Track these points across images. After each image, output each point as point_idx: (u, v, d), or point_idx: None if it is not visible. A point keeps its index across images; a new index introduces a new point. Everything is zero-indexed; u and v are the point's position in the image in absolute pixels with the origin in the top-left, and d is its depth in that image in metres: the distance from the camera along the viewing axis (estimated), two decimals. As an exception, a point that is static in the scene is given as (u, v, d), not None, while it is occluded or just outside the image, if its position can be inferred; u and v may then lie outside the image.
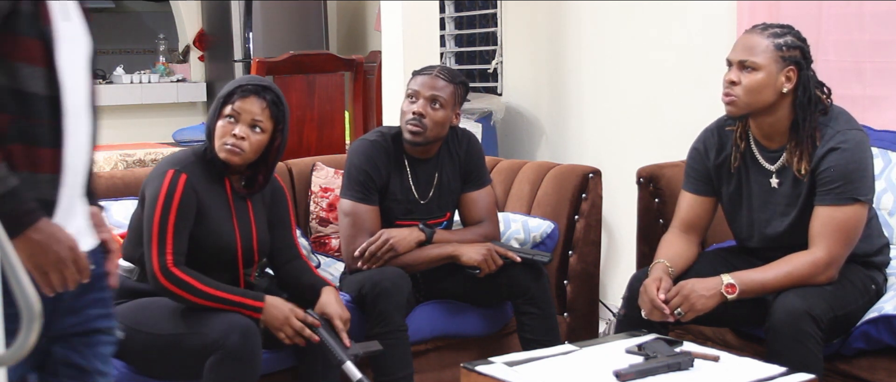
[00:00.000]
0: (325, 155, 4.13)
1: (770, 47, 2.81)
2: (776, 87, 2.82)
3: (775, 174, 2.92)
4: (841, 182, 2.78)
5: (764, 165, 2.93)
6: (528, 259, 3.27)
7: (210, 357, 2.69)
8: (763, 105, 2.84)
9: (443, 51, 5.93)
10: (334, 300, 2.96)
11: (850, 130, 2.82)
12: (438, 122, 3.28)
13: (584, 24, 4.88)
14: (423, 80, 3.30)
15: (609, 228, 4.60)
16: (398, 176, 3.34)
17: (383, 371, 3.10)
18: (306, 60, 4.89)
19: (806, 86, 2.83)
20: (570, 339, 3.45)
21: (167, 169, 2.81)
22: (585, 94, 4.91)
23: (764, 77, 2.81)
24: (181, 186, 2.78)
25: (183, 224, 2.78)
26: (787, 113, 2.86)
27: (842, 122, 2.84)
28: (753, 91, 2.82)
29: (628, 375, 2.35)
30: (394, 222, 3.33)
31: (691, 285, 2.81)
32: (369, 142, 3.34)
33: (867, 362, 2.87)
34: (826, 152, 2.80)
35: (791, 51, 2.82)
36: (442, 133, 3.32)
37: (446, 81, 3.29)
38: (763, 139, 2.93)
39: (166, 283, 2.74)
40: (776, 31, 2.84)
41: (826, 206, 2.80)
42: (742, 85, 2.83)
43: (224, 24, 6.84)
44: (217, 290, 2.79)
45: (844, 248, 2.82)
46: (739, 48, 2.87)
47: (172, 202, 2.77)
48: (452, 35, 6.14)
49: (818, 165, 2.81)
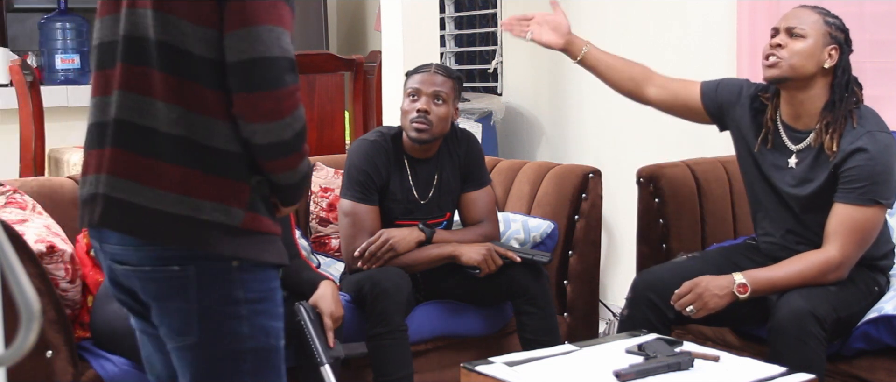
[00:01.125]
0: (325, 155, 4.13)
1: (820, 22, 2.85)
2: (819, 59, 2.84)
3: (795, 154, 2.92)
4: (866, 183, 2.78)
5: (788, 144, 2.93)
6: (528, 259, 3.27)
7: None
8: (804, 74, 2.84)
9: (443, 51, 5.93)
10: (329, 295, 2.95)
11: (879, 132, 2.82)
12: (442, 117, 3.28)
13: (584, 24, 4.87)
14: (422, 77, 3.31)
15: (609, 228, 4.60)
16: (398, 176, 3.34)
17: (383, 371, 3.10)
18: (306, 60, 4.88)
19: (846, 69, 2.85)
20: (570, 339, 3.45)
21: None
22: (585, 94, 4.91)
23: (811, 45, 2.83)
24: None
25: None
26: (822, 92, 2.86)
27: (872, 122, 2.84)
28: (799, 55, 2.83)
29: (628, 375, 2.35)
30: (394, 222, 3.33)
31: (705, 283, 2.81)
32: (369, 142, 3.34)
33: (867, 362, 2.87)
34: (854, 150, 2.79)
35: (837, 32, 2.85)
36: (446, 129, 3.33)
37: (445, 77, 3.30)
38: (791, 119, 2.93)
39: None
40: (825, 10, 2.89)
41: (846, 205, 2.80)
42: (788, 48, 2.84)
43: (224, 24, 6.84)
44: None
45: (858, 249, 2.82)
46: (790, 17, 2.89)
47: None
48: (452, 35, 6.14)
49: (844, 161, 2.81)
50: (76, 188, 3.33)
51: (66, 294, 2.88)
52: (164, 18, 1.86)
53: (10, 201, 3.01)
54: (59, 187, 3.30)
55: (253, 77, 1.82)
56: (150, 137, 1.88)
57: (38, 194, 3.18)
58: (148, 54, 1.88)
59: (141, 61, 1.89)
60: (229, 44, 1.84)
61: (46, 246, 2.77)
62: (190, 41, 1.85)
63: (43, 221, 2.98)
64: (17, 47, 7.18)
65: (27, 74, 5.04)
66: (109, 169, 1.92)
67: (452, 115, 3.33)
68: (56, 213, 3.13)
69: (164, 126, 1.87)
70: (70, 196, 3.28)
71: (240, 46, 1.83)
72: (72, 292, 2.91)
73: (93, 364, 2.88)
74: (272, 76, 1.83)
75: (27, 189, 3.17)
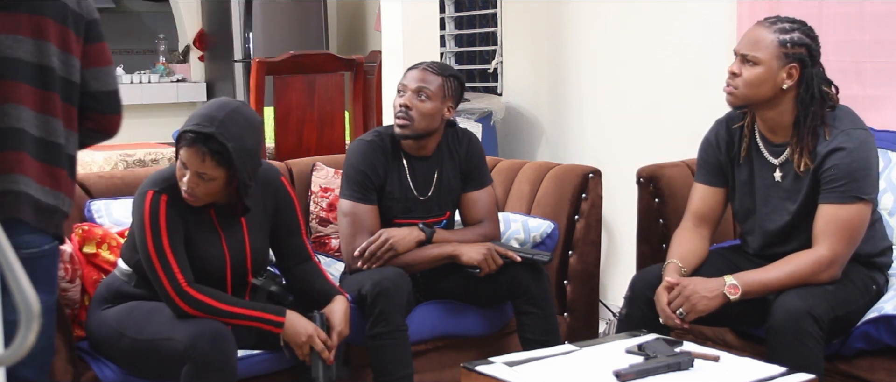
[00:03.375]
0: (324, 155, 4.13)
1: (774, 43, 2.82)
2: (776, 83, 2.83)
3: (779, 168, 2.93)
4: (845, 181, 2.78)
5: (769, 159, 2.94)
6: (529, 259, 3.27)
7: (185, 364, 2.68)
8: (761, 99, 2.86)
9: (443, 51, 5.93)
10: (341, 313, 2.94)
11: (854, 130, 2.83)
12: (425, 113, 3.27)
13: (584, 24, 4.88)
14: (412, 73, 3.31)
15: (609, 228, 4.60)
16: (396, 174, 3.34)
17: (383, 371, 3.10)
18: (306, 60, 4.88)
19: (809, 83, 2.83)
20: (570, 339, 3.45)
21: (147, 190, 2.77)
22: (585, 94, 4.91)
23: (763, 72, 2.82)
24: (163, 207, 2.74)
25: (177, 242, 2.76)
26: (790, 108, 2.87)
27: (847, 121, 2.85)
28: (751, 85, 2.84)
29: (628, 375, 2.35)
30: (393, 221, 3.33)
31: (693, 285, 2.81)
32: (366, 142, 3.34)
33: (867, 362, 2.87)
34: (831, 150, 2.80)
35: (796, 48, 2.82)
36: (432, 126, 3.31)
37: (434, 74, 3.29)
38: (768, 133, 2.94)
39: (185, 306, 2.74)
40: (784, 27, 2.85)
41: (830, 204, 2.81)
42: (742, 77, 2.85)
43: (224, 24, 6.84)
44: (235, 307, 2.79)
45: (848, 246, 2.82)
46: (744, 41, 2.89)
47: (159, 226, 2.73)
48: (452, 35, 6.14)
49: (822, 163, 2.82)
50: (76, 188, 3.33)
51: (66, 294, 2.89)
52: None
53: (9, 201, 3.01)
54: (59, 187, 3.30)
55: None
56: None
57: (38, 194, 3.17)
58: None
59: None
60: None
61: (46, 246, 2.77)
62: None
63: (43, 221, 2.98)
64: (17, 47, 7.16)
65: (27, 74, 5.04)
66: None
67: (443, 112, 3.31)
68: (56, 213, 3.12)
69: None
70: (70, 196, 3.28)
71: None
72: (72, 291, 2.91)
73: (91, 365, 2.89)
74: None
75: (27, 189, 3.16)
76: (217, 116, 2.69)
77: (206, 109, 2.74)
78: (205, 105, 2.80)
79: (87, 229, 3.07)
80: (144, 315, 2.80)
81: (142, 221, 2.75)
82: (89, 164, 4.58)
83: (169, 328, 2.74)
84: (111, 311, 2.86)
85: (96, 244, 3.05)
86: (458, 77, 3.36)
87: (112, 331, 2.82)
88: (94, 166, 4.56)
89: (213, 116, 2.69)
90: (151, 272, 2.75)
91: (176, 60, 7.42)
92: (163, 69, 7.19)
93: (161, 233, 2.73)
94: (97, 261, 3.04)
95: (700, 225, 3.07)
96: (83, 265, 3.00)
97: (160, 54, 7.48)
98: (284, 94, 4.76)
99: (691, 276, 2.91)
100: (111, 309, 2.86)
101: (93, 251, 3.04)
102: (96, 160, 4.60)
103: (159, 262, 2.73)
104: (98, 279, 3.01)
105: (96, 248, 3.05)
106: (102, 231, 3.09)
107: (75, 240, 3.04)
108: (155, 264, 2.74)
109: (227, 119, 2.69)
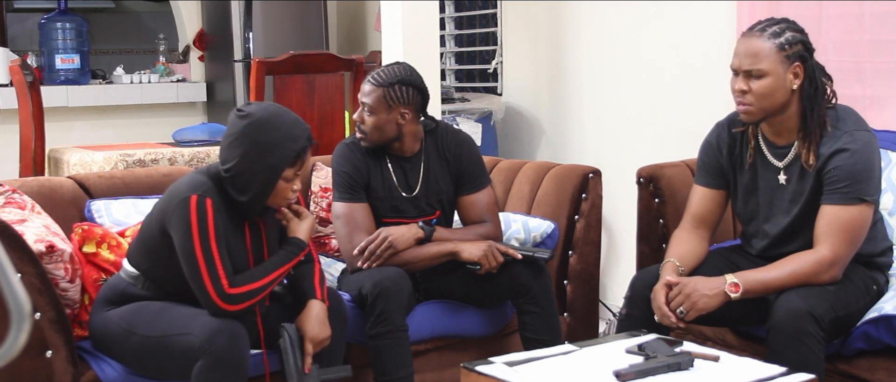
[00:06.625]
0: (324, 155, 4.13)
1: (773, 49, 2.80)
2: (786, 87, 2.82)
3: (783, 171, 2.93)
4: (848, 182, 2.78)
5: (773, 162, 2.94)
6: (529, 256, 3.27)
7: (198, 360, 2.67)
8: (776, 107, 2.84)
9: (443, 51, 5.93)
10: (314, 318, 2.90)
11: (858, 131, 2.82)
12: (374, 126, 3.28)
13: (584, 24, 4.88)
14: (362, 86, 3.34)
15: (609, 228, 4.60)
16: (379, 173, 3.35)
17: (383, 371, 3.10)
18: (306, 60, 4.88)
19: (812, 77, 2.83)
20: (570, 339, 3.45)
21: (190, 194, 2.75)
22: (585, 94, 4.91)
23: (772, 81, 2.81)
24: (210, 210, 2.74)
25: (222, 245, 2.76)
26: (797, 108, 2.86)
27: (850, 122, 2.85)
28: (766, 96, 2.82)
29: (628, 375, 2.35)
30: (381, 221, 3.33)
31: (694, 283, 2.81)
32: (345, 145, 3.39)
33: (867, 362, 2.87)
34: (834, 152, 2.80)
35: (793, 47, 2.82)
36: (387, 135, 3.30)
37: (375, 86, 3.28)
38: (772, 136, 2.94)
39: (231, 307, 2.74)
40: (775, 30, 2.83)
41: (832, 205, 2.81)
42: (753, 92, 2.82)
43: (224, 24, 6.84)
44: (269, 274, 2.82)
45: (849, 247, 2.82)
46: (742, 56, 2.85)
47: (208, 229, 2.73)
48: (452, 35, 6.14)
49: (825, 164, 2.82)
50: (76, 188, 3.33)
51: (66, 294, 2.89)
52: None
53: (9, 201, 3.01)
54: (58, 187, 3.31)
55: None
56: None
57: (38, 193, 3.18)
58: None
59: None
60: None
61: (46, 246, 2.77)
62: None
63: (42, 220, 2.98)
64: (17, 47, 7.18)
65: (27, 74, 5.04)
66: None
67: (397, 120, 3.27)
68: (55, 213, 3.13)
69: None
70: (69, 196, 3.29)
71: None
72: (71, 291, 2.91)
73: (92, 365, 2.88)
74: None
75: (27, 189, 3.17)
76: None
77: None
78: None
79: (87, 228, 3.07)
80: (155, 313, 2.81)
81: (188, 225, 2.73)
82: (89, 164, 4.58)
83: (184, 323, 2.73)
84: (116, 311, 2.86)
85: (96, 243, 3.05)
86: (408, 82, 3.28)
87: (119, 330, 2.82)
88: (94, 166, 4.56)
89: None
90: (194, 274, 2.73)
91: (176, 60, 7.42)
92: (163, 69, 7.19)
93: (209, 236, 2.73)
94: (97, 261, 3.04)
95: (699, 227, 3.07)
96: (83, 264, 3.00)
97: (160, 54, 7.47)
98: (284, 94, 4.76)
99: (690, 276, 2.91)
100: (116, 310, 2.86)
101: (93, 251, 3.04)
102: (96, 160, 4.60)
103: (206, 267, 2.72)
104: (98, 278, 3.01)
105: (96, 248, 3.05)
106: (102, 231, 3.10)
107: (75, 240, 3.04)
108: (201, 267, 2.72)
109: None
